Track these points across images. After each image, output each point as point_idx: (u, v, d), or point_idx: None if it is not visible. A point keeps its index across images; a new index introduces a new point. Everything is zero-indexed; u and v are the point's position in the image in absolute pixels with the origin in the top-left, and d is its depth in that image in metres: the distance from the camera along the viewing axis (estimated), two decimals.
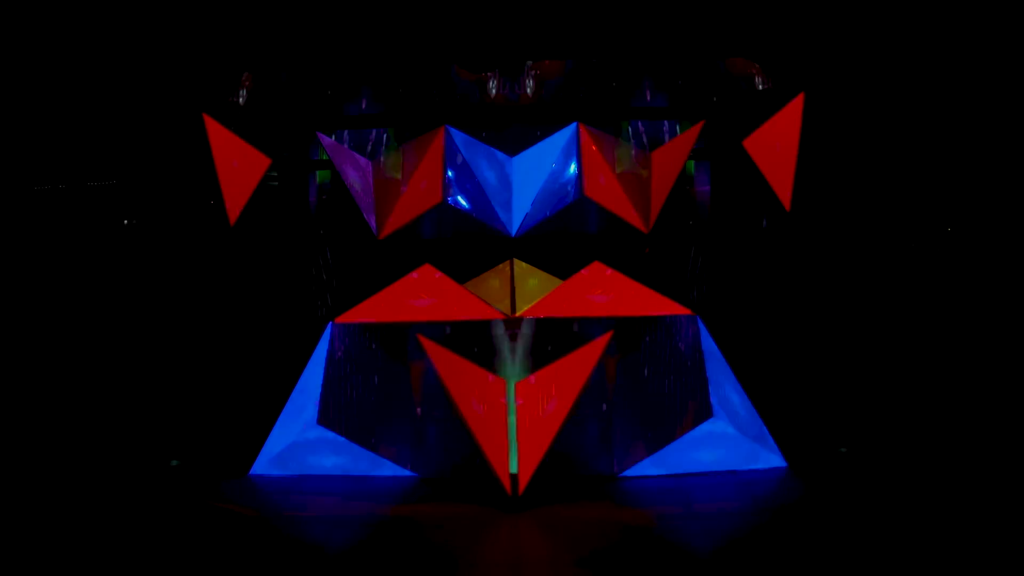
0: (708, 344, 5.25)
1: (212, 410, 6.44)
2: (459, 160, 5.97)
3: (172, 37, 8.63)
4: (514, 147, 6.15)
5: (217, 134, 5.56)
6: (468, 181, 6.04)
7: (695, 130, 5.79)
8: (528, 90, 6.07)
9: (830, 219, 9.09)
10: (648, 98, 6.46)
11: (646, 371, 5.78)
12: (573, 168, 6.00)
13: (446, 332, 5.24)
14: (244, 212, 5.56)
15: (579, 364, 4.91)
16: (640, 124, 6.27)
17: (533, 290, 5.82)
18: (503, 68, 6.23)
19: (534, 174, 6.09)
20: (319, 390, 5.16)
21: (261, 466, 5.21)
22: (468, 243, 6.38)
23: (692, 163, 6.06)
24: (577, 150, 5.93)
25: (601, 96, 6.34)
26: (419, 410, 5.94)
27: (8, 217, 9.52)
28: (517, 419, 4.76)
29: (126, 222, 9.75)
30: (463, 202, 6.05)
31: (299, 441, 5.13)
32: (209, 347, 8.14)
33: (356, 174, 5.93)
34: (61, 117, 9.28)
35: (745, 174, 5.64)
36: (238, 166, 5.57)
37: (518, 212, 6.07)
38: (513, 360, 5.37)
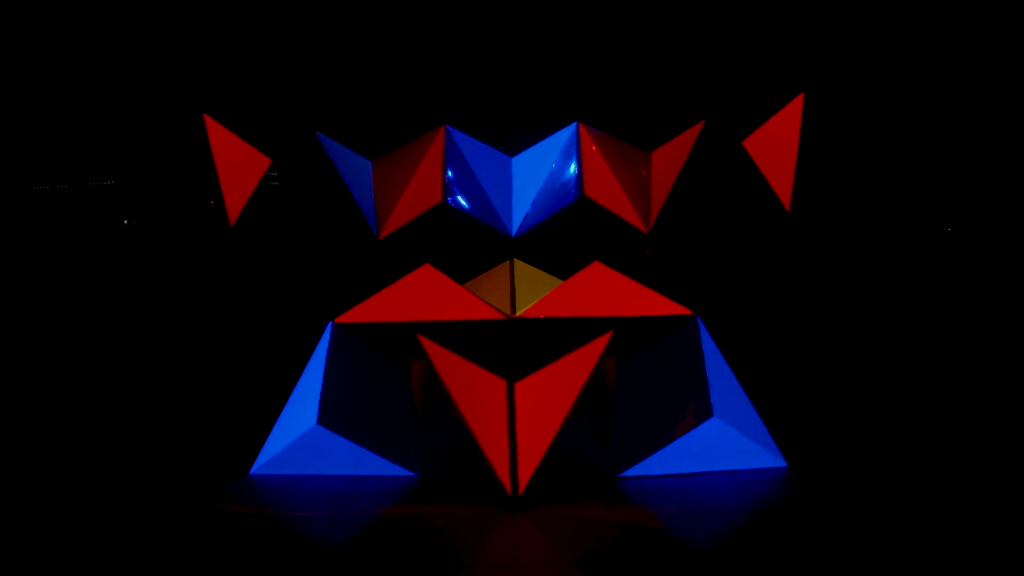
0: (708, 344, 5.24)
1: (212, 410, 6.44)
2: (459, 160, 5.97)
3: (172, 37, 8.63)
4: (514, 147, 6.15)
5: (217, 134, 5.55)
6: (468, 181, 6.04)
7: (695, 130, 5.79)
8: None
9: (830, 219, 9.09)
10: (648, 98, 6.48)
11: (646, 371, 5.78)
12: (573, 168, 6.00)
13: (446, 332, 5.23)
14: (244, 212, 5.55)
15: (579, 364, 4.91)
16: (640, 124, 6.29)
17: (533, 290, 5.82)
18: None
19: (534, 174, 6.10)
20: (319, 390, 5.15)
21: (261, 466, 5.21)
22: (468, 243, 6.38)
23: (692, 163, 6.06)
24: (577, 150, 5.93)
25: (601, 96, 6.36)
26: (419, 410, 5.94)
27: (8, 217, 9.52)
28: (517, 419, 4.76)
29: (126, 222, 9.75)
30: (463, 202, 6.06)
31: (299, 441, 5.13)
32: (209, 347, 8.15)
33: (356, 174, 5.94)
34: (61, 117, 9.29)
35: (745, 174, 5.64)
36: (238, 166, 5.56)
37: (518, 212, 6.07)
38: (513, 360, 5.36)
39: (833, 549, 3.97)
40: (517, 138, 6.20)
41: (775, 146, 5.50)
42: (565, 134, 6.01)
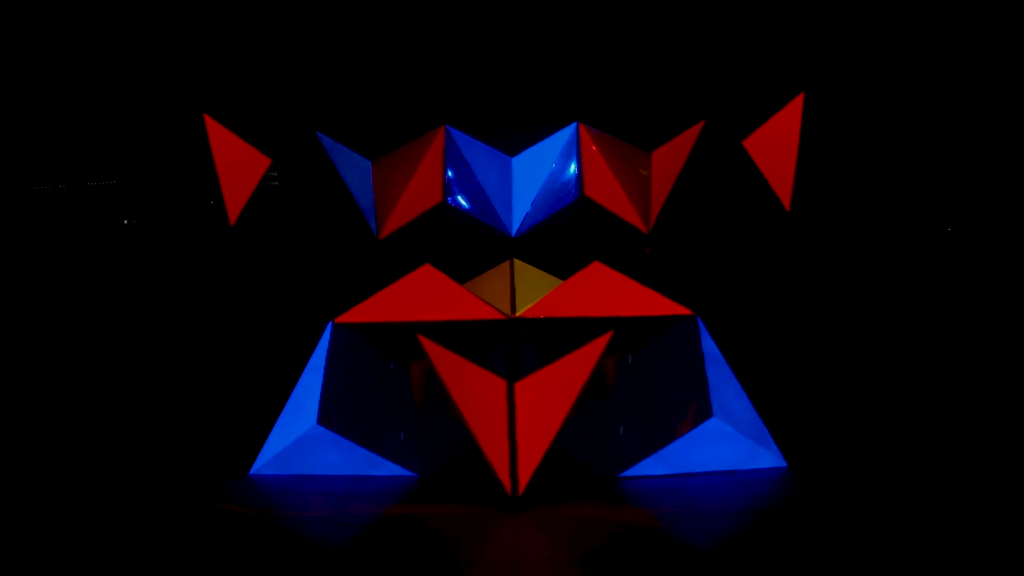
0: (708, 344, 5.24)
1: (212, 410, 6.45)
2: (459, 160, 5.97)
3: (172, 37, 8.63)
4: (514, 147, 6.15)
5: (217, 134, 5.56)
6: (468, 181, 6.04)
7: (695, 130, 5.79)
8: None
9: (830, 219, 9.09)
10: (648, 98, 6.47)
11: (646, 371, 5.77)
12: (573, 168, 6.00)
13: (446, 332, 5.24)
14: (244, 212, 5.55)
15: (579, 364, 4.91)
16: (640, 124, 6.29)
17: (533, 290, 5.82)
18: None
19: (534, 174, 6.10)
20: (319, 390, 5.15)
21: (261, 466, 5.21)
22: (468, 243, 6.38)
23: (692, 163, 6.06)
24: (577, 150, 5.94)
25: (602, 96, 6.35)
26: (419, 410, 5.94)
27: (8, 217, 9.52)
28: (517, 419, 4.76)
29: (126, 222, 9.75)
30: (463, 202, 6.06)
31: (299, 441, 5.13)
32: (209, 347, 8.16)
33: (356, 174, 5.94)
34: (61, 117, 9.29)
35: (745, 174, 5.64)
36: (238, 166, 5.55)
37: (518, 212, 6.07)
38: (513, 360, 5.36)
39: (833, 549, 3.97)
40: (517, 138, 6.21)
41: (775, 146, 5.49)
42: (565, 134, 6.01)
